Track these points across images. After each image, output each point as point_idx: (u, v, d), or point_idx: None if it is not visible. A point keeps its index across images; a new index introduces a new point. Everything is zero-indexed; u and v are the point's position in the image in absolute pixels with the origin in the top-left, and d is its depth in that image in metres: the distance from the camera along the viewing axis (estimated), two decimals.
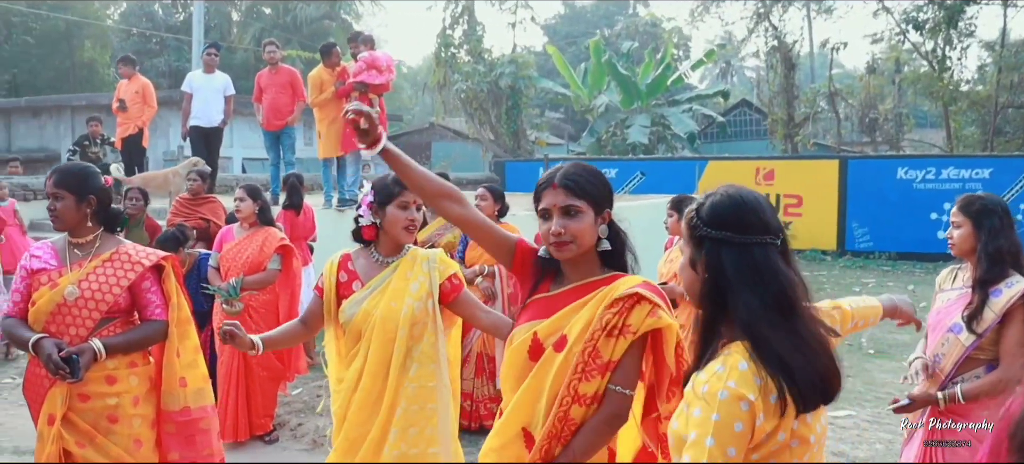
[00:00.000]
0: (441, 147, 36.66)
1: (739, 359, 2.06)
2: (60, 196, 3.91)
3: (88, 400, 3.85)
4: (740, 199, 2.22)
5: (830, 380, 2.09)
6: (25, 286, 3.95)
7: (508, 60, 27.96)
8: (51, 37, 34.32)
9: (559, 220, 2.77)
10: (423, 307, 3.79)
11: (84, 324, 3.84)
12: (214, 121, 12.34)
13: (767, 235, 2.17)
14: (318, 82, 11.75)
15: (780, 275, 2.13)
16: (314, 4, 38.67)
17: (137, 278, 3.94)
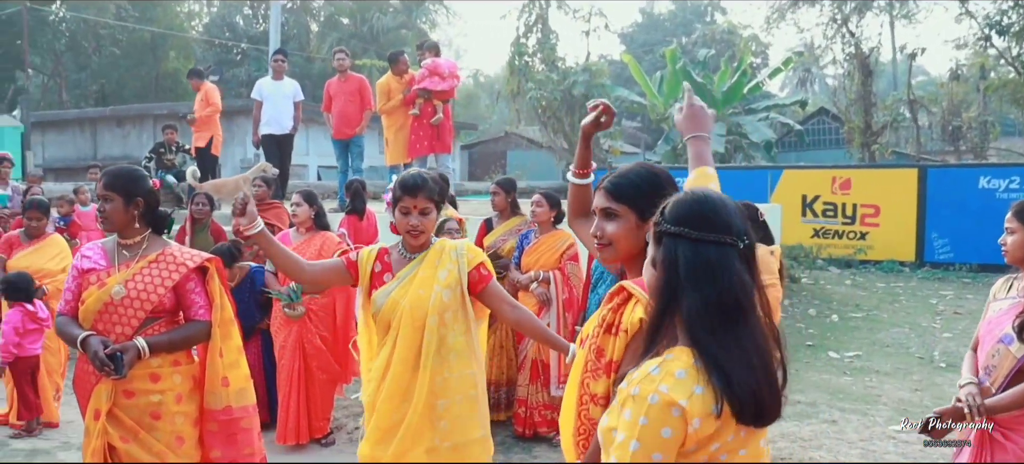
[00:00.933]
0: (516, 156, 36.81)
1: (678, 366, 2.01)
2: (109, 198, 4.01)
3: (132, 396, 3.94)
4: (704, 198, 2.16)
5: (765, 401, 2.01)
6: (76, 285, 4.05)
7: (581, 68, 27.92)
8: (138, 48, 35.25)
9: (598, 223, 2.74)
10: (452, 295, 3.85)
11: (129, 323, 3.93)
12: (285, 127, 12.48)
13: (727, 236, 2.10)
14: (386, 89, 11.88)
15: (732, 278, 2.05)
16: (391, 14, 39.13)
17: (181, 279, 4.02)
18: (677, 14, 53.78)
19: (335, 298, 7.10)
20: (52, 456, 6.74)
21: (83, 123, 26.70)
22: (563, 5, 29.29)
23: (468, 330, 3.87)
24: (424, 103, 11.25)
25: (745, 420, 1.99)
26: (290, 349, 6.97)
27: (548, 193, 7.65)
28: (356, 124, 12.00)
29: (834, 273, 17.37)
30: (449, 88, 11.18)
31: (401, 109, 11.60)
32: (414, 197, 3.84)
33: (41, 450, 6.91)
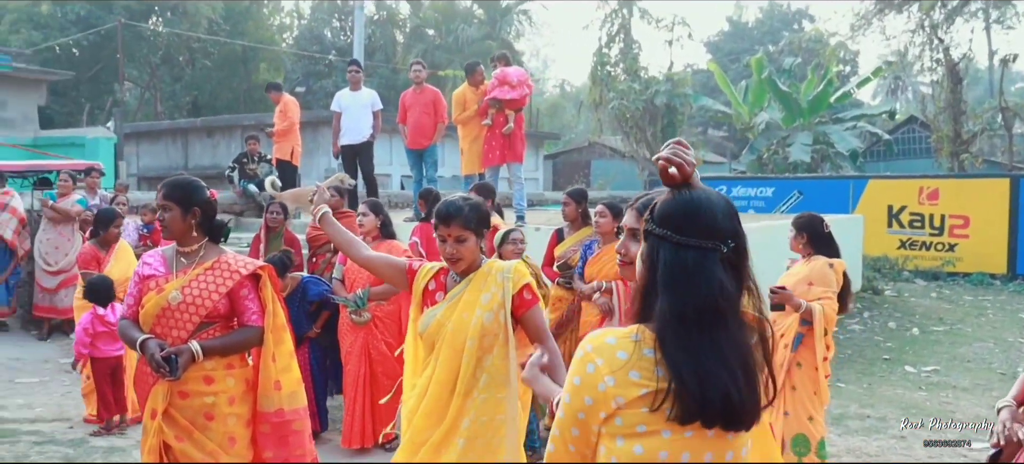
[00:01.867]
0: (600, 165, 36.77)
1: (623, 337, 2.08)
2: (168, 208, 4.17)
3: (187, 397, 4.09)
4: (690, 200, 2.16)
5: (732, 403, 1.99)
6: (137, 290, 4.22)
7: (664, 78, 27.85)
8: (230, 61, 36.09)
9: (624, 241, 2.74)
10: (494, 318, 3.77)
11: (185, 327, 4.08)
12: (363, 136, 12.60)
13: (708, 239, 2.09)
14: (462, 100, 11.99)
15: (710, 283, 2.05)
16: (475, 25, 39.42)
17: (235, 285, 4.16)
18: (764, 22, 53.12)
19: (401, 306, 7.21)
20: (127, 455, 6.98)
21: (175, 133, 27.46)
22: (646, 15, 29.26)
23: (506, 355, 3.79)
24: (496, 113, 11.32)
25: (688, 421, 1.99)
26: (356, 355, 7.12)
27: (611, 203, 7.65)
28: (430, 135, 12.10)
29: (920, 286, 17.00)
30: (519, 97, 11.23)
31: (476, 120, 11.69)
32: (448, 226, 3.81)
33: (118, 448, 7.17)
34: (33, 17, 29.80)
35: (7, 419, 7.97)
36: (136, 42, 31.35)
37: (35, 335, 11.46)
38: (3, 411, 8.25)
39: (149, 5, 31.21)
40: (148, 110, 35.56)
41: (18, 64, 20.13)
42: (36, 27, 29.63)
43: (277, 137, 13.73)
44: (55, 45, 29.40)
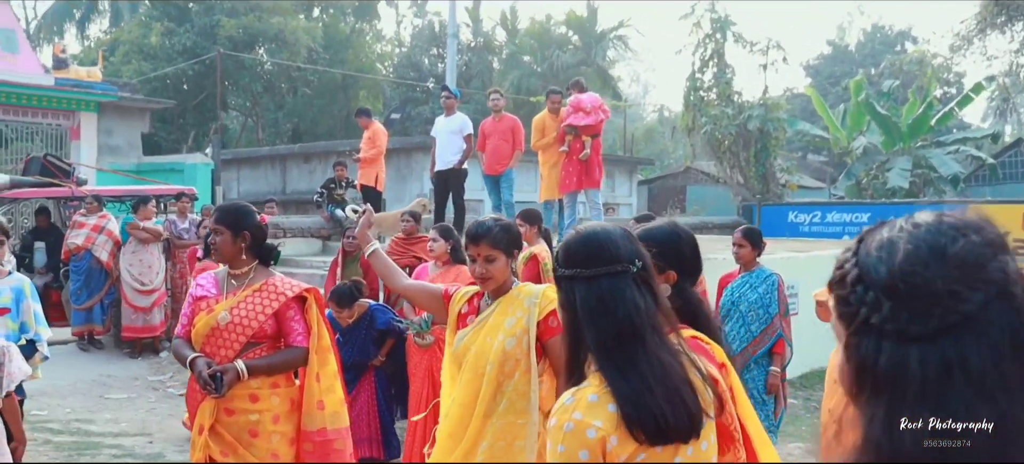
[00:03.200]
0: (696, 191, 36.44)
1: (590, 392, 2.11)
2: (219, 231, 4.37)
3: (233, 414, 4.27)
4: (588, 234, 2.28)
5: (672, 414, 2.06)
6: (190, 311, 4.43)
7: (758, 102, 27.54)
8: (330, 89, 36.85)
9: None
10: (517, 344, 3.73)
11: (232, 346, 4.27)
12: (451, 162, 12.78)
13: (617, 264, 2.19)
14: (540, 126, 12.13)
15: (625, 304, 2.15)
16: (570, 51, 39.59)
17: (281, 307, 4.33)
18: (866, 45, 52.07)
19: None
20: None
21: (274, 159, 28.18)
22: (740, 39, 28.98)
23: (529, 381, 3.71)
24: (573, 140, 11.44)
25: (643, 440, 2.06)
26: (420, 377, 7.27)
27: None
28: (506, 161, 12.27)
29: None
30: (595, 123, 11.32)
31: (554, 146, 11.81)
32: (477, 245, 3.82)
33: None
34: (143, 48, 31.01)
35: (93, 432, 8.35)
36: (238, 71, 32.32)
37: (127, 353, 11.94)
38: (91, 425, 8.63)
39: (252, 35, 32.13)
40: (251, 136, 36.57)
41: (124, 94, 20.97)
42: (146, 58, 30.82)
43: (363, 164, 14.00)
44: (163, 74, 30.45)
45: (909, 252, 1.24)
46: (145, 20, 32.91)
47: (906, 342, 1.19)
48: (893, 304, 1.21)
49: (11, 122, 18.37)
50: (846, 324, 1.29)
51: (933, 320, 1.18)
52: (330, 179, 15.18)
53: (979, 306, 1.19)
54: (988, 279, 1.21)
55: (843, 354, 1.30)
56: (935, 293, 1.19)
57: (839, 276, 1.33)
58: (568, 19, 40.94)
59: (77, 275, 11.64)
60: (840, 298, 1.31)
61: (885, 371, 1.19)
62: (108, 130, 19.81)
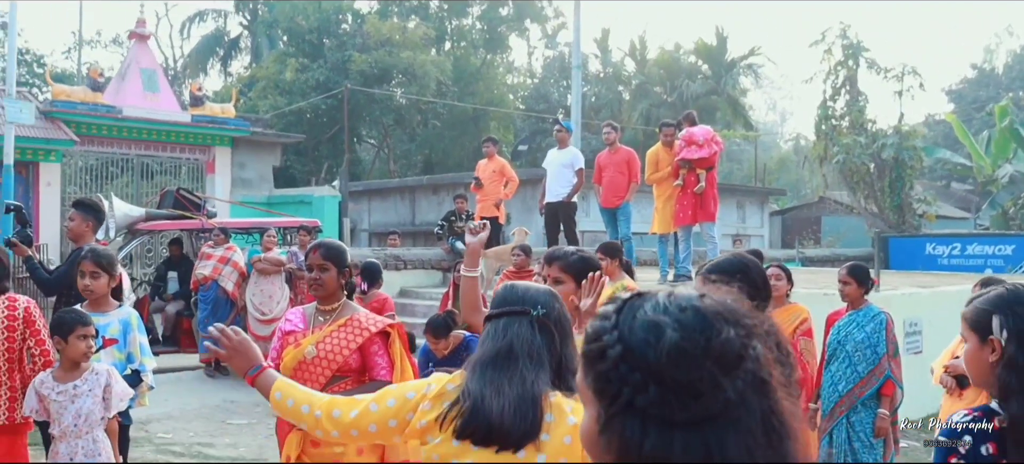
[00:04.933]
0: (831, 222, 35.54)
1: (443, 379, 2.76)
2: (326, 268, 4.48)
3: (318, 446, 4.36)
4: (510, 287, 2.81)
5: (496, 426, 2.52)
6: (280, 345, 4.57)
7: (893, 130, 26.73)
8: (460, 120, 37.45)
9: None
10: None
11: (318, 380, 4.37)
12: (561, 195, 12.85)
13: (517, 308, 2.69)
14: (654, 160, 12.07)
15: (511, 333, 2.65)
16: (700, 80, 39.24)
17: (365, 342, 4.43)
18: (1013, 67, 49.97)
19: None
20: None
21: (403, 191, 28.80)
22: (874, 66, 28.22)
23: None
24: (687, 173, 11.34)
25: (465, 437, 2.58)
26: None
27: (783, 265, 7.53)
28: (623, 194, 12.26)
29: None
30: (708, 155, 11.20)
31: (669, 179, 11.73)
32: (550, 266, 3.98)
33: None
34: (279, 84, 32.14)
35: (212, 456, 8.65)
36: (370, 104, 33.14)
37: None
38: (211, 449, 8.94)
39: (383, 69, 32.92)
40: (382, 168, 37.40)
41: (256, 129, 21.75)
42: (281, 93, 31.93)
43: (482, 196, 14.11)
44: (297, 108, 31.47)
45: (676, 340, 1.26)
46: (281, 57, 34.12)
47: (670, 428, 1.23)
48: (660, 389, 1.24)
49: (152, 157, 19.27)
50: (604, 400, 1.31)
51: (698, 409, 1.23)
52: (450, 212, 15.40)
53: (738, 395, 1.24)
54: (745, 369, 1.26)
55: (595, 426, 1.33)
56: (700, 383, 1.23)
57: (598, 349, 1.33)
58: (697, 48, 40.65)
59: (204, 304, 12.10)
60: (600, 372, 1.32)
61: (650, 454, 1.23)
62: (241, 164, 20.58)
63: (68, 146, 17.39)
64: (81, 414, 4.82)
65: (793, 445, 1.28)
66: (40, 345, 5.06)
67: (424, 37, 35.05)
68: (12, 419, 4.93)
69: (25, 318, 5.03)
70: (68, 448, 4.84)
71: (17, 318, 5.00)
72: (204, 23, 42.02)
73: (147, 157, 19.19)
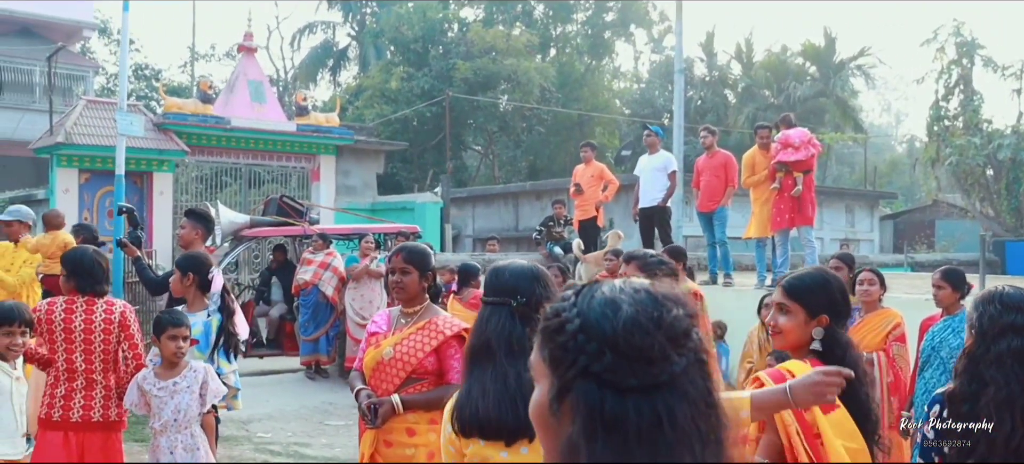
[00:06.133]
0: (945, 226, 34.47)
1: None
2: (408, 271, 4.55)
3: (391, 446, 4.46)
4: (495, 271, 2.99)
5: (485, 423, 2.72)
6: (365, 345, 4.69)
7: (1010, 130, 25.82)
8: (565, 126, 37.48)
9: (774, 313, 3.30)
10: None
11: (393, 381, 4.47)
12: (656, 200, 12.78)
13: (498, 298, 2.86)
14: (751, 163, 11.93)
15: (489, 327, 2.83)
16: (808, 82, 38.51)
17: (441, 344, 4.49)
18: None
19: None
20: None
21: (507, 197, 28.98)
22: (990, 63, 27.31)
23: None
24: (784, 176, 11.19)
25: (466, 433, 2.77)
26: None
27: (876, 268, 7.37)
28: (718, 198, 12.13)
29: None
30: (805, 158, 11.01)
31: (766, 183, 11.58)
32: (628, 266, 4.02)
33: None
34: (385, 92, 32.69)
35: (308, 456, 8.87)
36: (474, 111, 33.43)
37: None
38: (308, 448, 9.17)
39: (488, 77, 33.19)
40: (487, 175, 37.68)
41: (359, 137, 22.19)
42: (387, 102, 32.47)
43: (580, 200, 14.10)
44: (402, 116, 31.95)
45: (631, 314, 1.39)
46: (387, 66, 34.67)
47: (624, 393, 1.34)
48: (614, 357, 1.36)
49: (260, 166, 19.83)
50: (557, 368, 1.42)
51: (648, 376, 1.35)
52: (549, 217, 15.42)
53: (683, 368, 1.38)
54: (690, 346, 1.41)
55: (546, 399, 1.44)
56: (651, 353, 1.37)
57: (558, 323, 1.44)
58: (805, 49, 39.89)
59: (305, 308, 12.41)
60: (558, 344, 1.42)
61: (610, 416, 1.33)
62: (346, 171, 21.01)
63: (179, 156, 18.03)
64: (180, 409, 5.04)
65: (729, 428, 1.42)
66: (133, 348, 5.30)
67: (527, 44, 35.21)
68: (107, 417, 5.17)
69: (121, 322, 5.26)
70: (168, 442, 5.06)
71: (113, 321, 5.23)
72: (313, 35, 42.97)
73: (255, 166, 19.76)
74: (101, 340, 5.18)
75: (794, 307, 3.16)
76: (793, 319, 3.16)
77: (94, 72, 29.62)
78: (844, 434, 2.91)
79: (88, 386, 5.14)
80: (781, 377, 3.00)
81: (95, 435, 5.09)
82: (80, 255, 5.32)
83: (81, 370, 5.14)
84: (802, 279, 3.24)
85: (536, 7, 40.00)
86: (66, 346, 5.14)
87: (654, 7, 41.67)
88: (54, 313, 5.17)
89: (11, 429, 5.07)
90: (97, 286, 5.22)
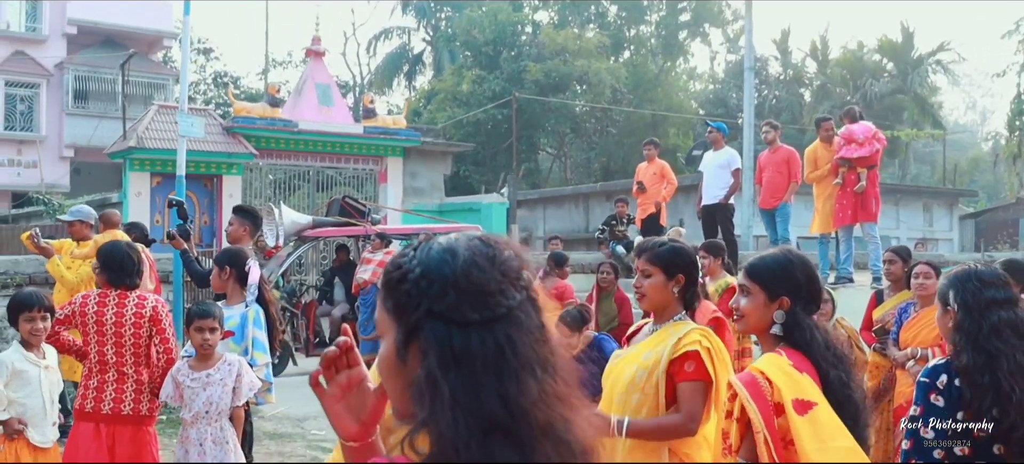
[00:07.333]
0: None
1: None
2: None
3: None
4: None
5: None
6: None
7: None
8: (638, 127, 37.24)
9: (736, 296, 3.24)
10: (647, 378, 3.54)
11: None
12: (718, 197, 12.60)
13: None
14: (813, 157, 11.72)
15: None
16: (884, 79, 37.74)
17: None
18: None
19: None
20: None
21: (577, 198, 28.95)
22: None
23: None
24: (846, 172, 10.95)
25: None
26: None
27: (932, 262, 7.15)
28: (781, 194, 11.91)
29: None
30: (869, 154, 10.76)
31: (829, 178, 11.36)
32: (639, 257, 3.73)
33: None
34: (456, 96, 32.90)
35: None
36: (546, 113, 33.43)
37: None
38: None
39: (559, 78, 33.16)
40: (560, 176, 37.65)
41: (426, 139, 22.32)
42: (458, 105, 32.66)
43: (642, 198, 13.99)
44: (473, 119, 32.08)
45: (468, 257, 1.50)
46: (459, 69, 34.87)
47: (467, 327, 1.45)
48: (456, 295, 1.46)
49: (329, 168, 20.04)
50: (403, 315, 1.50)
51: (488, 311, 1.46)
52: (611, 216, 15.35)
53: (518, 303, 1.49)
54: (523, 284, 1.52)
55: (393, 349, 1.52)
56: (489, 289, 1.47)
57: (399, 275, 1.53)
58: (881, 45, 39.14)
59: (365, 307, 12.45)
60: (402, 292, 1.51)
61: (458, 350, 1.43)
62: (413, 173, 21.11)
63: (248, 159, 18.30)
64: (211, 401, 5.09)
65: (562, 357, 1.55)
66: (164, 343, 5.35)
67: (599, 45, 35.09)
68: (137, 411, 5.22)
69: (152, 317, 5.32)
70: (198, 434, 5.12)
71: (144, 316, 5.29)
72: (389, 41, 43.42)
73: (324, 168, 19.98)
74: (132, 334, 5.25)
75: (754, 289, 3.08)
76: (753, 301, 3.08)
77: (174, 80, 30.26)
78: (828, 434, 2.73)
79: (120, 379, 5.21)
80: (753, 380, 2.87)
81: (125, 428, 5.15)
82: (112, 248, 5.41)
83: (112, 363, 5.21)
84: (764, 259, 3.16)
85: (610, 8, 39.87)
86: (98, 338, 5.22)
87: (728, 5, 41.33)
88: (88, 306, 5.25)
89: (40, 417, 5.18)
90: (128, 279, 5.29)
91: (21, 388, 5.15)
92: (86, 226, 8.77)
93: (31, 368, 5.18)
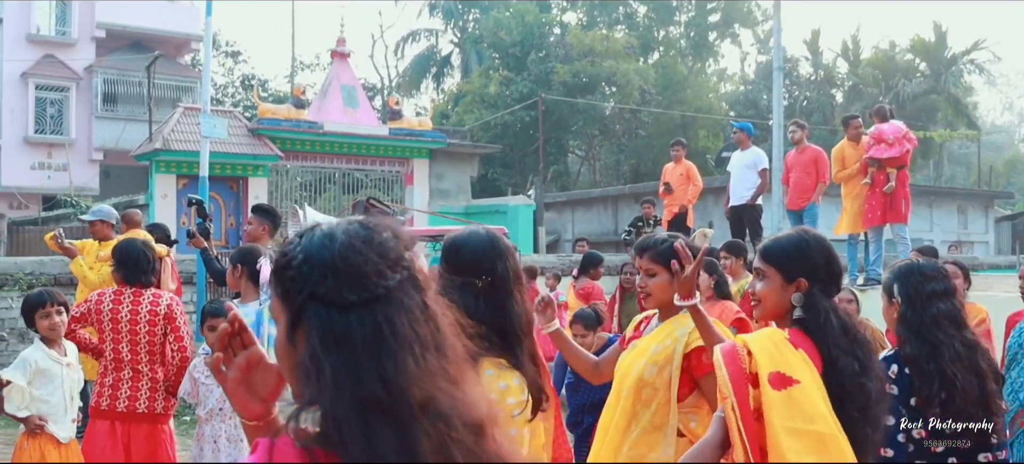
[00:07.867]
0: None
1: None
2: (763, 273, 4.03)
3: None
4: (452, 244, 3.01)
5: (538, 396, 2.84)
6: None
7: None
8: (668, 129, 37.03)
9: (752, 280, 3.13)
10: (657, 372, 3.48)
11: None
12: (744, 197, 12.50)
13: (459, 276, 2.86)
14: (840, 157, 11.58)
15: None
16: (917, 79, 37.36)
17: None
18: None
19: None
20: None
21: (606, 200, 28.79)
22: None
23: (667, 415, 3.46)
24: (876, 172, 10.79)
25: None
26: None
27: (959, 262, 7.01)
28: (809, 195, 11.75)
29: None
30: (899, 154, 10.59)
31: (857, 177, 11.20)
32: (641, 257, 3.67)
33: None
34: (483, 98, 32.85)
35: None
36: (573, 115, 33.31)
37: None
38: None
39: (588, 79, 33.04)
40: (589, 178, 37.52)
41: (453, 141, 22.29)
42: (486, 106, 32.61)
43: (669, 199, 13.89)
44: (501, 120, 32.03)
45: (346, 241, 1.55)
46: (486, 71, 34.83)
47: (347, 309, 1.49)
48: (335, 279, 1.51)
49: (355, 170, 20.06)
50: (289, 300, 1.55)
51: (366, 292, 1.50)
52: (638, 218, 15.25)
53: (397, 284, 1.53)
54: (402, 265, 1.55)
55: (284, 334, 1.56)
56: (366, 271, 1.51)
57: (284, 263, 1.57)
58: (913, 45, 38.71)
59: None
60: (287, 278, 1.55)
61: (338, 331, 1.47)
62: (439, 175, 21.10)
63: (273, 161, 18.35)
64: (225, 397, 5.04)
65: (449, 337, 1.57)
66: (179, 341, 5.35)
67: (626, 46, 34.93)
68: (152, 409, 5.22)
69: (167, 315, 5.31)
70: (212, 430, 5.11)
71: (159, 314, 5.28)
72: (417, 43, 43.48)
73: (351, 170, 20.00)
74: (146, 331, 5.23)
75: (770, 271, 2.97)
76: (769, 284, 2.97)
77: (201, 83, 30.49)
78: (804, 416, 2.46)
79: (135, 377, 5.21)
80: (733, 348, 2.66)
81: (140, 426, 5.15)
82: (127, 246, 5.40)
83: (127, 360, 5.21)
84: (778, 241, 3.09)
85: (638, 9, 39.70)
86: (113, 336, 5.22)
87: (758, 6, 41.02)
88: (103, 304, 5.25)
89: (61, 414, 5.16)
90: (142, 277, 5.28)
91: (44, 386, 5.15)
92: (107, 226, 8.79)
93: (53, 365, 5.18)
